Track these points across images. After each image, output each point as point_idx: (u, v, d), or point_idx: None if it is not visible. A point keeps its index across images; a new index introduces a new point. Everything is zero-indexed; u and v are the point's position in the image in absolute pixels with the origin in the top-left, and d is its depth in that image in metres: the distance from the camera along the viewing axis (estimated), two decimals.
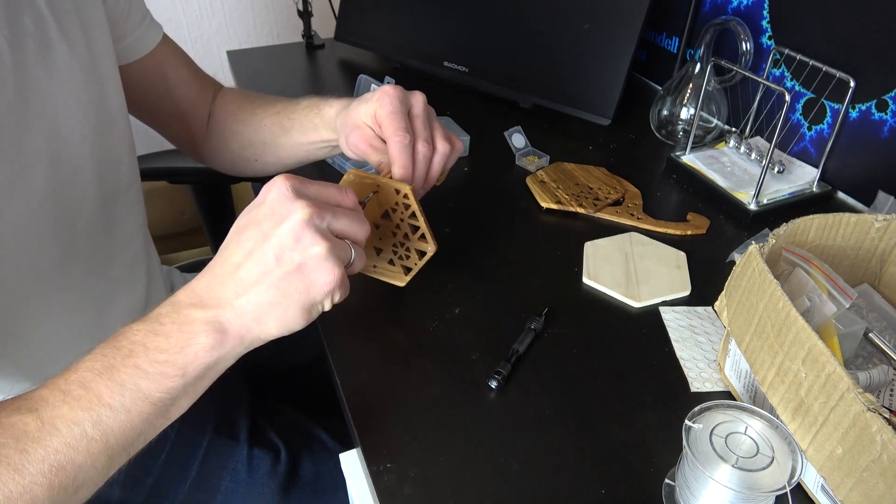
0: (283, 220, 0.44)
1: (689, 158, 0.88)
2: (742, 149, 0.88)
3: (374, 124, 0.59)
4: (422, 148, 0.57)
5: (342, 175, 0.57)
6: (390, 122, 0.56)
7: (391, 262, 0.61)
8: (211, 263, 0.46)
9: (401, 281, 0.60)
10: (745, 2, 0.91)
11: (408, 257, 0.60)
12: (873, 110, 0.77)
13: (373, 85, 0.88)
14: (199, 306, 0.44)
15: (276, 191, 0.45)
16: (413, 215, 0.57)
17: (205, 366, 0.43)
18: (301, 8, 1.28)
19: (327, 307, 0.47)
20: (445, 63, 1.11)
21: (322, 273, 0.44)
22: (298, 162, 0.76)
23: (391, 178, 0.56)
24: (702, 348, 0.61)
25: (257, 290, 0.44)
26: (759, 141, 0.92)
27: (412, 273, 0.60)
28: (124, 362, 0.41)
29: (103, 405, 0.40)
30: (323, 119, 0.67)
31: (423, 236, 0.58)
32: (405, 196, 0.56)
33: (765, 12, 0.88)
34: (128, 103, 0.70)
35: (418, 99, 0.59)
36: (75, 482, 0.39)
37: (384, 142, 0.58)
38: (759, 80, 0.80)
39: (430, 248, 0.58)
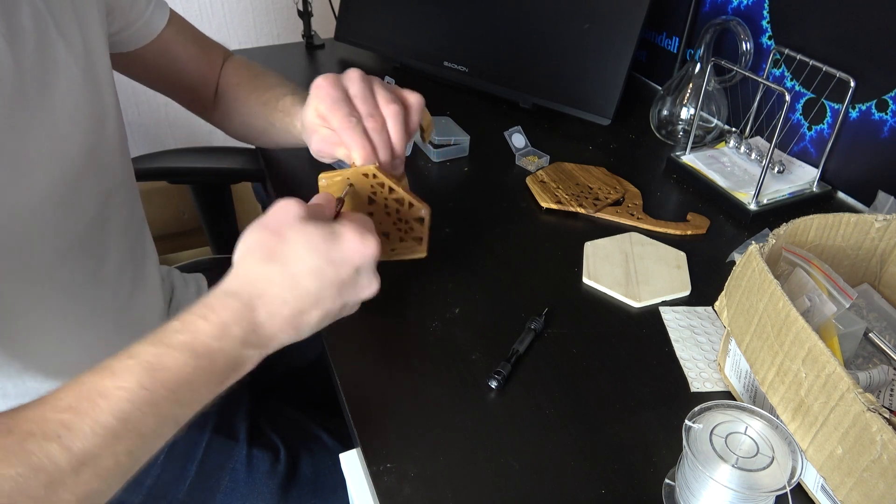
0: (361, 292, 0.48)
1: (689, 158, 0.88)
2: (742, 149, 0.88)
3: (322, 122, 0.58)
4: (370, 123, 0.55)
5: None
6: (333, 114, 0.55)
7: (401, 239, 0.61)
8: (276, 287, 0.44)
9: (420, 252, 0.60)
10: (745, 2, 0.91)
11: (412, 230, 0.60)
12: (873, 110, 0.77)
13: None
14: (255, 346, 0.44)
15: (366, 257, 0.46)
16: (391, 190, 0.57)
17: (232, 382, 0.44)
18: (301, 8, 1.28)
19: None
20: (445, 63, 1.11)
21: (355, 308, 0.50)
22: (290, 148, 0.76)
23: (354, 165, 0.56)
24: (702, 348, 0.61)
25: (306, 331, 0.47)
26: (759, 141, 0.92)
27: (425, 241, 0.60)
28: (168, 398, 0.40)
29: (139, 436, 0.40)
30: (294, 133, 0.68)
31: (412, 205, 0.57)
32: (374, 175, 0.55)
33: (765, 12, 0.88)
34: (142, 81, 0.74)
35: (352, 77, 0.57)
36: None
37: None
38: (759, 80, 0.80)
39: (424, 211, 0.58)
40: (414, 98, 0.59)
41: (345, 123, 0.55)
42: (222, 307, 0.43)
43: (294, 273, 0.44)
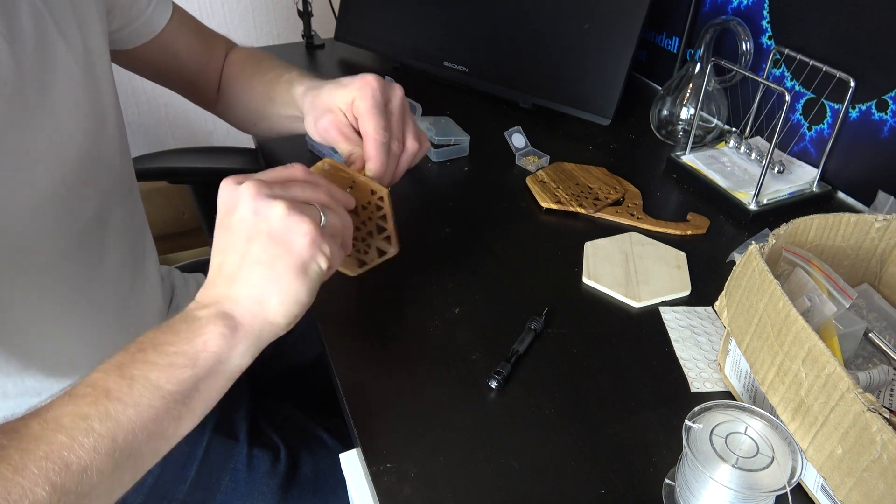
0: (236, 206, 0.45)
1: (689, 158, 0.88)
2: (742, 149, 0.88)
3: (349, 112, 0.58)
4: (395, 147, 0.57)
5: None
6: (370, 119, 0.56)
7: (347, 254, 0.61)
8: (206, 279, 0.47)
9: (352, 271, 0.60)
10: (745, 2, 0.91)
11: (366, 252, 0.60)
12: (873, 110, 0.77)
13: None
14: (202, 308, 0.44)
15: (223, 191, 0.46)
16: (384, 217, 0.57)
17: (214, 356, 0.42)
18: (301, 8, 1.28)
19: (323, 266, 0.45)
20: (445, 63, 1.11)
21: (293, 229, 0.43)
22: (286, 132, 0.76)
23: (363, 173, 0.56)
24: (702, 348, 0.61)
25: (243, 274, 0.44)
26: (759, 141, 0.92)
27: (366, 267, 0.60)
28: (133, 358, 0.41)
29: (111, 399, 0.39)
30: (293, 96, 0.67)
31: (387, 238, 0.59)
32: (380, 198, 0.56)
33: (765, 12, 0.88)
34: (143, 75, 0.74)
35: (397, 93, 0.58)
36: (80, 486, 0.37)
37: (357, 132, 0.58)
38: (759, 80, 0.80)
39: (393, 251, 0.59)
40: (427, 143, 0.61)
41: (378, 136, 0.55)
42: None
43: (214, 243, 0.47)
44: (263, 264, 0.44)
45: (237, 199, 0.44)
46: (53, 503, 0.36)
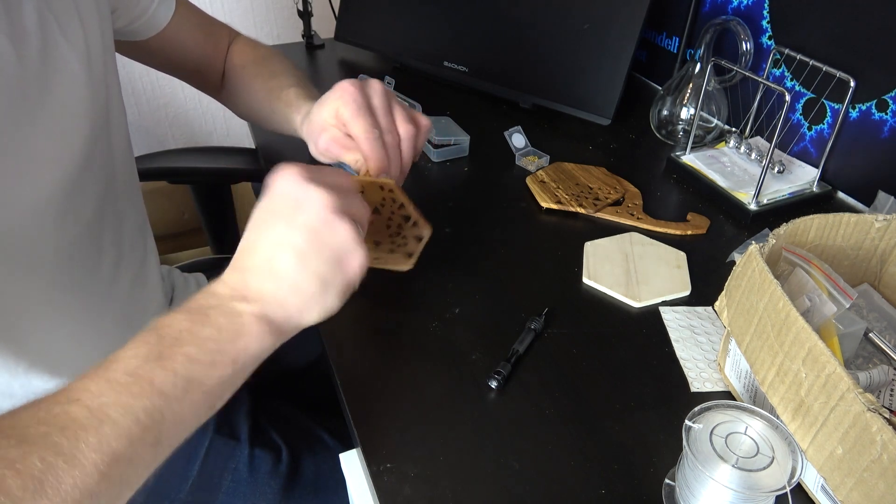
0: (304, 206, 0.44)
1: (689, 158, 0.88)
2: (742, 149, 0.88)
3: (338, 123, 0.59)
4: (389, 139, 0.58)
5: None
6: (357, 121, 0.56)
7: (391, 251, 0.62)
8: (237, 258, 0.45)
9: (405, 265, 0.61)
10: (745, 2, 0.91)
11: (406, 244, 0.61)
12: (873, 110, 0.77)
13: None
14: (244, 300, 0.43)
15: (289, 179, 0.44)
16: (402, 206, 0.58)
17: (254, 356, 0.43)
18: (301, 8, 1.28)
19: (356, 287, 0.47)
20: (445, 63, 1.11)
21: (356, 254, 0.45)
22: (291, 135, 0.76)
23: (369, 174, 0.57)
24: (702, 348, 0.61)
25: (298, 282, 0.44)
26: (759, 141, 0.92)
27: (415, 256, 0.60)
28: (173, 350, 0.40)
29: (155, 392, 0.39)
30: (292, 124, 0.69)
31: (415, 224, 0.59)
32: (390, 190, 0.56)
33: (765, 12, 0.88)
34: (148, 65, 0.77)
35: (375, 88, 0.59)
36: (122, 479, 0.37)
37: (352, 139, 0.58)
38: (759, 80, 0.80)
39: (426, 232, 0.59)
40: (424, 121, 0.61)
41: (368, 135, 0.56)
42: (214, 280, 0.45)
43: (255, 223, 0.46)
44: (320, 279, 0.44)
45: (307, 200, 0.44)
46: (104, 494, 0.36)
